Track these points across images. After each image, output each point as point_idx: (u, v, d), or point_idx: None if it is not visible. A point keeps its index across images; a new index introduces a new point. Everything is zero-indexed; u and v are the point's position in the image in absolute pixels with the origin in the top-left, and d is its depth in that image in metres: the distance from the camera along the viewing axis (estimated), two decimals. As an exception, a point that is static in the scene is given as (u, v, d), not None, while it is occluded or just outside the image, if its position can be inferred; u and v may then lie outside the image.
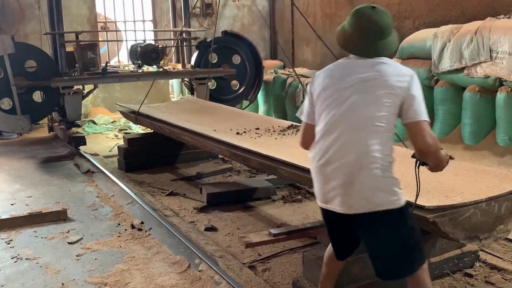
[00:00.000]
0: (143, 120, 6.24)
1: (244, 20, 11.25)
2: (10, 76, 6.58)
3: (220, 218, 4.60)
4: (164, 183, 5.78)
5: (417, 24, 7.74)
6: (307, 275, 3.08)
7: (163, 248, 3.91)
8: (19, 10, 9.42)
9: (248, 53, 8.44)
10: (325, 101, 2.38)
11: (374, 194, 2.27)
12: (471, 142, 6.05)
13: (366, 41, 2.35)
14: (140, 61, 7.91)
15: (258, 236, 3.12)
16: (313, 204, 4.90)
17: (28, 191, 5.51)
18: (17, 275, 3.54)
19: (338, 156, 2.31)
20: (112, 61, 10.86)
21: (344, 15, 9.56)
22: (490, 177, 3.19)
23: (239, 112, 6.50)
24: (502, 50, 5.64)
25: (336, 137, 2.31)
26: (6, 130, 7.41)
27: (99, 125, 9.27)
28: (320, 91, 2.41)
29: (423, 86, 7.08)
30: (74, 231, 4.35)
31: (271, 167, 3.92)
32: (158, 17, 10.76)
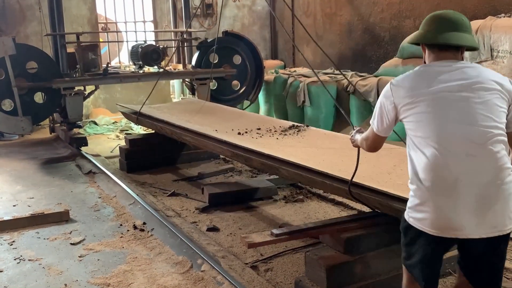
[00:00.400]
0: (144, 121, 6.25)
1: (244, 20, 11.25)
2: (12, 77, 6.59)
3: (222, 218, 4.60)
4: (165, 183, 5.79)
5: (418, 24, 7.71)
6: (309, 275, 3.08)
7: (165, 249, 3.92)
8: (20, 12, 9.42)
9: (248, 53, 8.44)
10: (421, 113, 2.16)
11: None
12: (472, 141, 6.05)
13: (458, 26, 2.23)
14: (141, 61, 7.91)
15: (260, 236, 3.11)
16: (315, 204, 4.91)
17: (30, 192, 5.52)
18: (20, 276, 3.55)
19: (468, 175, 2.06)
20: (113, 62, 10.87)
21: (345, 14, 9.62)
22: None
23: (240, 112, 6.50)
24: (503, 49, 5.64)
25: (458, 153, 2.07)
26: (8, 131, 7.41)
27: (100, 126, 9.27)
28: (409, 102, 2.20)
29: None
30: (77, 232, 4.35)
31: (272, 167, 3.92)
32: (158, 18, 10.76)
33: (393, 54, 7.70)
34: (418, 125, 2.18)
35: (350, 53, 9.25)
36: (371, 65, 8.44)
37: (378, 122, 2.38)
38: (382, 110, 2.33)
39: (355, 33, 9.07)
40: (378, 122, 2.38)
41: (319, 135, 4.75)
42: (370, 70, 8.02)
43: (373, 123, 2.42)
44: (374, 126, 2.41)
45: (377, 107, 2.37)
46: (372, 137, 2.50)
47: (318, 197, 5.05)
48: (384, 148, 4.07)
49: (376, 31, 8.60)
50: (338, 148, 3.80)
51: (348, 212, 4.59)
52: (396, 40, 7.91)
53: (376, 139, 2.49)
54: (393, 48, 7.98)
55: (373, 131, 2.45)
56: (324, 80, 7.66)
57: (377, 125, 2.39)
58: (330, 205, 4.85)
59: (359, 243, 3.07)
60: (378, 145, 2.55)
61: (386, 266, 3.10)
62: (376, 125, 2.40)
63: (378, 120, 2.37)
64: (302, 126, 5.00)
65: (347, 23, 9.24)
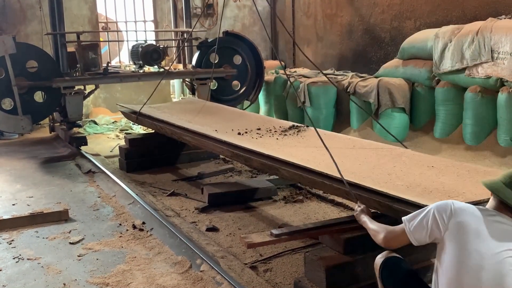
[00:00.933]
0: (144, 121, 6.24)
1: (245, 20, 11.25)
2: (12, 76, 6.58)
3: (222, 219, 4.59)
4: (165, 183, 5.78)
5: (418, 25, 7.74)
6: (308, 275, 3.08)
7: (164, 249, 3.91)
8: (20, 11, 9.42)
9: (249, 53, 8.44)
10: (462, 249, 2.12)
11: None
12: (472, 143, 6.05)
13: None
14: (141, 61, 7.91)
15: (259, 237, 3.11)
16: (314, 205, 4.90)
17: (30, 191, 5.51)
18: (18, 275, 3.54)
19: None
20: (113, 61, 10.87)
21: (345, 15, 9.63)
22: (492, 178, 3.19)
23: (240, 112, 6.50)
24: (504, 51, 5.63)
25: None
26: (7, 130, 7.41)
27: (100, 126, 9.27)
28: (462, 228, 2.16)
29: (424, 87, 7.15)
30: (76, 231, 4.35)
31: (272, 167, 3.92)
32: (159, 18, 10.76)
33: (393, 55, 7.70)
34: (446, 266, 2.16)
35: (350, 54, 9.25)
36: (372, 66, 8.44)
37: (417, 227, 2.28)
38: (429, 219, 2.24)
39: (356, 34, 9.07)
40: (417, 227, 2.28)
41: (319, 135, 4.75)
42: (371, 71, 8.03)
43: (409, 224, 2.31)
44: (410, 227, 2.31)
45: (425, 213, 2.27)
46: (399, 235, 2.38)
47: (317, 198, 5.04)
48: (384, 148, 4.10)
49: (377, 32, 8.60)
50: (338, 149, 3.80)
51: (348, 212, 4.59)
52: (396, 41, 7.91)
53: (403, 240, 2.38)
54: (393, 49, 7.98)
55: (404, 230, 2.34)
56: (325, 81, 7.66)
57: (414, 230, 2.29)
58: (329, 206, 4.84)
59: (358, 243, 3.06)
60: (399, 245, 2.45)
61: (386, 267, 3.10)
62: (412, 228, 2.30)
63: (418, 225, 2.28)
64: (302, 126, 5.00)
65: (347, 24, 9.24)
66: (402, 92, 6.77)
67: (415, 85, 6.85)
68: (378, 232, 2.54)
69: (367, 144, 4.31)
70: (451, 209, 2.22)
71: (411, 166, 3.54)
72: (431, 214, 2.24)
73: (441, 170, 3.41)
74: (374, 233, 2.59)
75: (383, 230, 2.51)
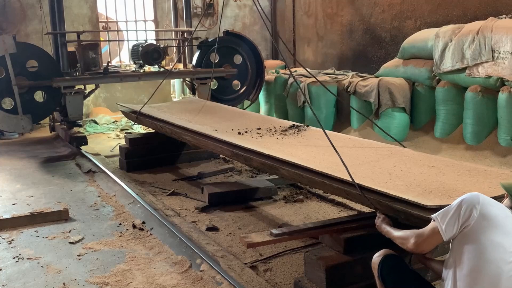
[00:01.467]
0: (144, 120, 6.24)
1: (245, 19, 11.24)
2: (12, 76, 6.58)
3: (222, 218, 4.59)
4: (165, 183, 5.78)
5: (419, 24, 7.73)
6: (308, 275, 3.07)
7: (164, 248, 3.91)
8: (21, 10, 9.42)
9: (249, 53, 8.43)
10: (488, 240, 2.13)
11: None
12: (472, 142, 6.04)
13: None
14: (142, 61, 7.91)
15: (259, 236, 3.10)
16: (314, 204, 4.90)
17: (30, 190, 5.51)
18: (18, 275, 3.54)
19: None
20: (113, 61, 10.87)
21: (346, 15, 9.63)
22: (492, 178, 3.18)
23: (241, 112, 6.49)
24: (504, 50, 5.62)
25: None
26: (8, 130, 7.40)
27: (101, 125, 9.27)
28: (490, 220, 2.16)
29: (425, 86, 7.15)
30: (76, 231, 4.35)
31: (272, 167, 3.91)
32: (159, 17, 10.76)
33: (394, 54, 7.70)
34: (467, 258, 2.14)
35: (351, 53, 9.24)
36: (372, 65, 8.44)
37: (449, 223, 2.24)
38: (460, 213, 2.21)
39: (356, 33, 9.06)
40: (449, 223, 2.24)
41: (319, 135, 4.73)
42: (371, 71, 8.02)
43: (442, 221, 2.26)
44: (443, 225, 2.25)
45: (456, 207, 2.24)
46: (431, 236, 2.32)
47: (318, 197, 5.04)
48: (384, 148, 4.09)
49: (377, 32, 8.59)
50: (338, 148, 3.78)
51: (348, 212, 4.59)
52: (397, 41, 7.91)
53: (436, 240, 2.32)
54: (394, 48, 7.98)
55: (434, 230, 2.29)
56: (325, 81, 7.65)
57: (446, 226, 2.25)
58: (330, 205, 4.84)
59: (358, 243, 3.06)
60: (432, 247, 2.39)
61: (386, 267, 3.09)
62: (445, 226, 2.24)
63: (449, 221, 2.23)
64: (303, 126, 4.99)
65: (348, 23, 9.23)
66: (403, 91, 6.77)
67: (415, 85, 6.84)
68: (406, 238, 2.42)
69: (367, 143, 4.30)
70: (480, 201, 2.21)
71: (411, 166, 3.54)
72: (463, 207, 2.21)
73: (441, 170, 3.40)
74: (401, 241, 2.47)
75: (411, 235, 2.40)
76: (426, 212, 2.63)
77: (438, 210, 2.63)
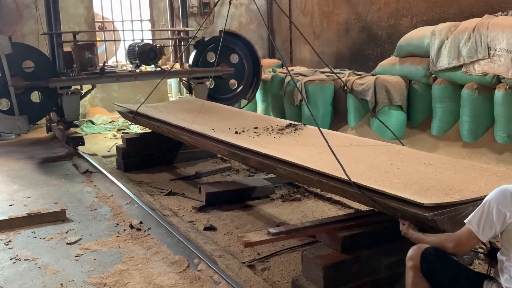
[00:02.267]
0: (141, 120, 6.23)
1: (241, 18, 11.23)
2: (8, 77, 6.57)
3: (219, 218, 4.59)
4: (162, 182, 5.78)
5: (415, 22, 7.74)
6: (306, 274, 3.07)
7: (162, 248, 3.91)
8: (17, 11, 9.39)
9: (246, 52, 8.42)
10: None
11: None
12: (469, 140, 6.05)
13: None
14: (138, 60, 7.90)
15: (257, 236, 3.10)
16: (312, 203, 4.90)
17: (27, 191, 5.50)
18: (16, 276, 3.54)
19: None
20: (110, 61, 10.84)
21: (342, 13, 9.62)
22: (489, 175, 3.19)
23: (238, 111, 6.49)
24: (500, 48, 5.63)
25: None
26: (4, 131, 7.39)
27: (98, 125, 9.26)
28: None
29: (421, 84, 7.15)
30: (73, 231, 4.34)
31: (269, 166, 3.91)
32: (155, 17, 10.74)
33: (390, 52, 7.70)
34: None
35: (347, 51, 9.24)
36: (369, 63, 8.44)
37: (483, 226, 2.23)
38: (493, 215, 2.20)
39: (353, 31, 9.07)
40: (486, 227, 2.23)
41: (316, 133, 4.72)
42: (368, 69, 8.02)
43: (477, 227, 2.24)
44: (479, 230, 2.25)
45: (487, 209, 2.23)
46: (469, 240, 2.31)
47: (315, 196, 5.04)
48: (381, 146, 4.09)
49: (373, 30, 8.60)
50: (335, 147, 3.79)
51: (345, 211, 4.59)
52: (393, 39, 7.91)
53: (474, 243, 2.33)
54: (390, 46, 7.98)
55: (471, 233, 2.28)
56: (322, 79, 7.66)
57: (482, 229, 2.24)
58: (327, 204, 4.84)
59: (356, 241, 3.06)
60: (471, 248, 2.40)
61: (383, 265, 3.10)
62: (481, 231, 2.24)
63: (485, 224, 2.22)
64: (299, 124, 4.99)
65: (344, 21, 9.24)
66: (399, 89, 6.77)
67: (412, 83, 6.85)
68: (444, 242, 2.43)
69: (363, 142, 4.31)
70: (509, 196, 2.18)
71: (408, 164, 3.54)
72: (494, 208, 2.19)
73: (438, 168, 3.40)
74: (439, 244, 2.46)
75: (450, 239, 2.40)
76: (423, 210, 2.64)
77: (435, 208, 2.64)
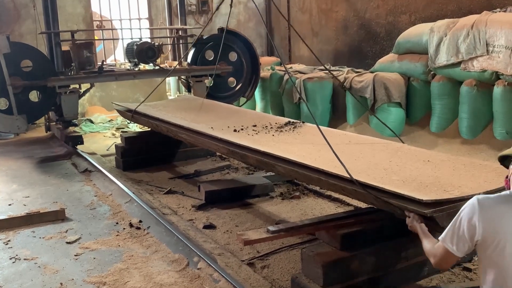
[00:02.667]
0: (140, 119, 6.22)
1: (240, 16, 11.22)
2: (6, 76, 6.55)
3: (219, 216, 4.59)
4: (162, 181, 5.77)
5: (413, 19, 7.73)
6: (305, 271, 3.08)
7: (161, 247, 3.91)
8: (14, 10, 9.37)
9: (244, 50, 8.41)
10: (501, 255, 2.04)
11: None
12: (468, 136, 6.05)
13: None
14: (137, 59, 7.88)
15: (256, 234, 3.11)
16: (311, 201, 4.91)
17: (26, 191, 5.50)
18: (15, 275, 3.54)
19: None
20: (108, 59, 10.83)
21: (340, 10, 9.60)
22: (488, 171, 3.19)
23: (236, 109, 6.48)
24: (499, 44, 5.63)
25: None
26: (3, 130, 7.37)
27: (96, 124, 9.24)
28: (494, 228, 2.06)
29: (420, 81, 7.15)
30: (72, 230, 4.34)
31: (268, 164, 3.91)
32: (154, 15, 10.72)
33: (389, 50, 7.70)
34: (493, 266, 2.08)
35: (346, 49, 9.24)
36: (367, 61, 8.43)
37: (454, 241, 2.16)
38: (464, 230, 2.12)
39: (351, 29, 9.06)
40: (459, 243, 2.15)
41: (315, 131, 4.73)
42: (366, 66, 8.02)
43: (450, 243, 2.17)
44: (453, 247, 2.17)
45: (458, 224, 2.15)
46: (447, 257, 2.24)
47: (314, 194, 5.04)
48: (380, 143, 4.09)
49: (372, 27, 8.59)
50: (334, 144, 3.79)
51: (345, 208, 4.59)
52: (392, 36, 7.91)
53: (453, 260, 2.27)
54: (389, 44, 7.98)
55: (447, 250, 2.20)
56: (321, 77, 7.65)
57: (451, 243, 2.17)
58: (326, 202, 4.84)
59: (355, 239, 3.07)
60: (451, 264, 2.33)
61: (383, 262, 3.10)
62: (455, 247, 2.16)
63: (458, 240, 2.15)
64: (298, 122, 4.99)
65: (343, 19, 9.23)
66: (398, 86, 6.77)
67: (410, 80, 6.85)
68: (430, 255, 2.37)
69: (362, 139, 4.31)
70: (477, 209, 2.09)
71: (407, 161, 3.54)
72: (464, 223, 2.12)
73: (437, 164, 3.41)
74: (427, 254, 2.42)
75: (433, 253, 2.34)
76: (422, 206, 2.64)
77: (434, 205, 2.64)
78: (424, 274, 3.26)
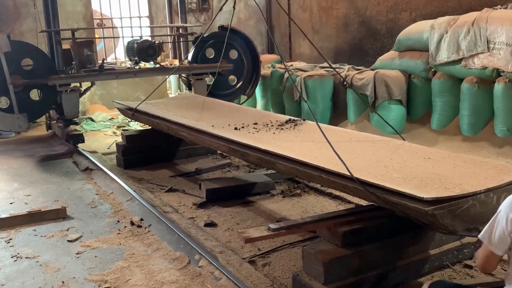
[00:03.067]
0: (140, 117, 6.23)
1: (240, 14, 11.21)
2: (7, 75, 6.56)
3: (220, 214, 4.59)
4: (163, 179, 5.78)
5: (414, 16, 7.72)
6: (306, 269, 3.08)
7: (163, 245, 3.91)
8: (14, 8, 9.37)
9: (245, 47, 8.41)
10: None
11: None
12: (469, 134, 6.05)
13: None
14: (137, 57, 7.88)
15: (257, 231, 3.11)
16: (312, 198, 4.91)
17: (27, 189, 5.50)
18: (17, 274, 3.54)
19: None
20: (109, 58, 10.83)
21: (341, 8, 9.59)
22: (489, 168, 3.19)
23: (237, 107, 6.49)
24: (499, 41, 5.62)
25: None
26: (4, 129, 7.37)
27: (97, 123, 9.25)
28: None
29: (421, 79, 7.14)
30: (74, 229, 4.35)
31: (269, 162, 3.91)
32: (154, 13, 10.72)
33: (389, 47, 7.69)
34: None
35: (346, 46, 9.23)
36: (368, 58, 8.43)
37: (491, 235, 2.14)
38: (504, 226, 2.09)
39: (352, 26, 9.05)
40: (499, 241, 2.13)
41: (316, 129, 4.73)
42: (367, 64, 8.01)
43: (490, 242, 2.15)
44: (493, 246, 2.15)
45: (498, 222, 2.13)
46: (490, 257, 2.20)
47: (315, 191, 5.04)
48: (380, 141, 4.09)
49: (373, 24, 8.58)
50: (335, 142, 3.79)
51: (346, 205, 4.59)
52: (392, 33, 7.90)
53: (496, 259, 2.21)
54: (389, 41, 7.97)
55: (489, 250, 2.18)
56: (321, 74, 7.65)
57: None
58: (327, 199, 4.84)
59: (356, 236, 3.07)
60: (495, 265, 2.25)
61: (384, 260, 3.11)
62: (496, 245, 2.14)
63: (499, 238, 2.12)
64: (299, 120, 4.99)
65: (343, 16, 9.22)
66: (399, 84, 6.77)
67: (411, 77, 6.84)
68: (476, 260, 2.33)
69: (363, 137, 4.30)
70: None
71: (407, 158, 3.54)
72: (505, 219, 2.10)
73: (437, 162, 3.40)
74: (475, 258, 2.39)
75: (476, 256, 2.30)
76: (423, 204, 2.64)
77: (435, 202, 2.64)
78: (426, 271, 3.27)
